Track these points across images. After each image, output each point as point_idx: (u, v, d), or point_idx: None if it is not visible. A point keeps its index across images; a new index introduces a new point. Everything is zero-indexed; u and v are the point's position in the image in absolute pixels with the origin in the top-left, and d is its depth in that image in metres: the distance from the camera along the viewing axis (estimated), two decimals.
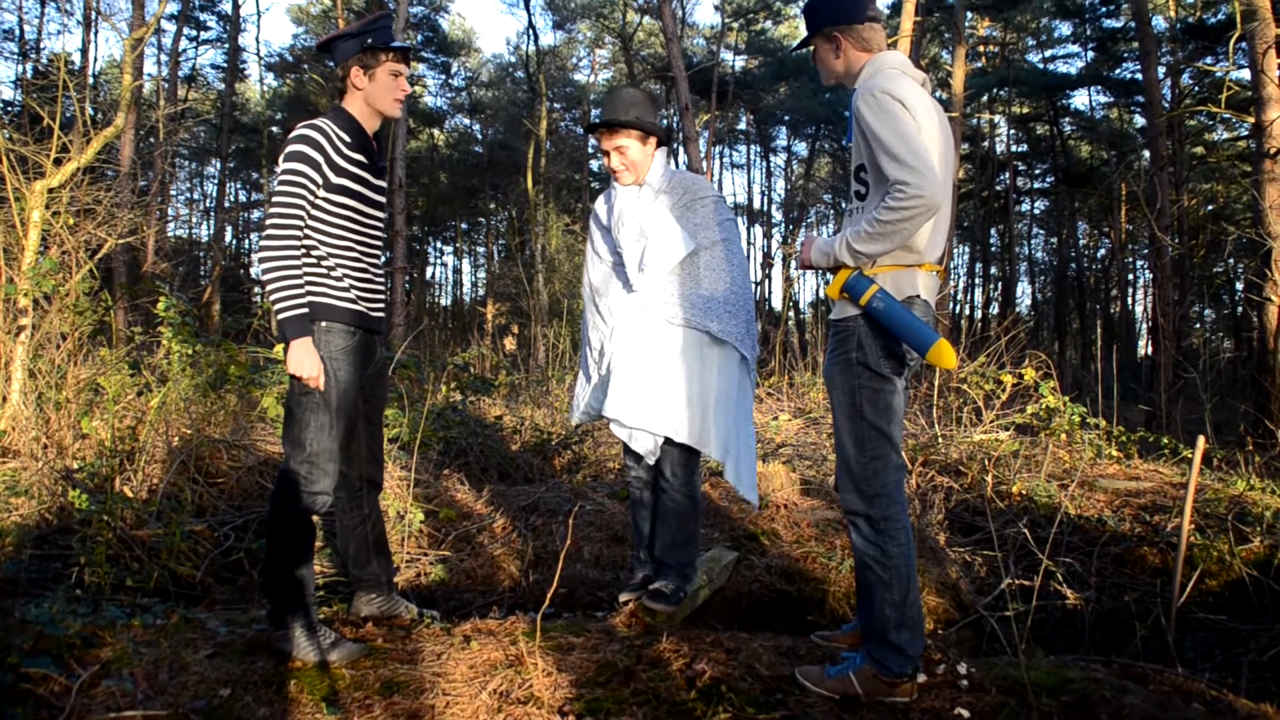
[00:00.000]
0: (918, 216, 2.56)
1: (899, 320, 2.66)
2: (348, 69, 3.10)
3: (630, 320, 3.53)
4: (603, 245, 3.73)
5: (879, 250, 2.67)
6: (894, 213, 2.56)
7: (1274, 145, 10.53)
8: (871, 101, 2.64)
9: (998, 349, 7.63)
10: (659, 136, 3.62)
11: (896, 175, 2.55)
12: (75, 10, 22.82)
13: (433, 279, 45.59)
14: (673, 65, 14.91)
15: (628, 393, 3.44)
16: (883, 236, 2.62)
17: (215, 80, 33.84)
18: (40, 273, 5.36)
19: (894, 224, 2.58)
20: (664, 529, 3.53)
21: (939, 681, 2.83)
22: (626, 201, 3.60)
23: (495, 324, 28.75)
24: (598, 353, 3.67)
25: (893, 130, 2.58)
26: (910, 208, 2.54)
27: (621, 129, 3.54)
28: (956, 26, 19.73)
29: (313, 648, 2.90)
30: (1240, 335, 24.54)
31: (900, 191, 2.53)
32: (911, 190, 2.52)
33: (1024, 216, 36.92)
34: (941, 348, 2.61)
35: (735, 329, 3.49)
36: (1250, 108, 11.85)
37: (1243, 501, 5.20)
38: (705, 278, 3.51)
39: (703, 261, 3.53)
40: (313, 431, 2.98)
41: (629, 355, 3.49)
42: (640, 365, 3.46)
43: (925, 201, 2.53)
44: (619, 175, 3.60)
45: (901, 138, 2.57)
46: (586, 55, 38.73)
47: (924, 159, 2.54)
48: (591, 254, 3.80)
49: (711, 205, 3.60)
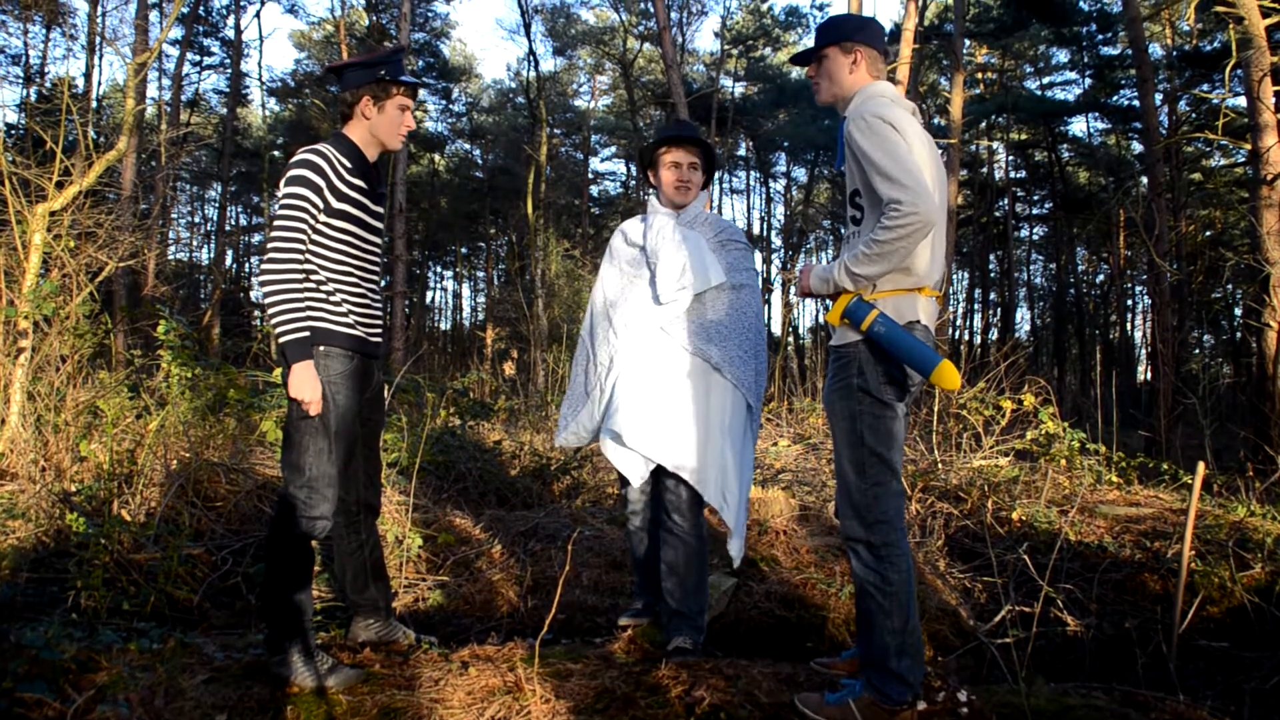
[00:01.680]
0: (915, 234, 2.57)
1: (901, 343, 2.66)
2: (358, 97, 3.12)
3: (644, 339, 3.52)
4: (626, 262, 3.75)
5: (878, 272, 2.68)
6: (890, 232, 2.57)
7: (1270, 171, 10.57)
8: (863, 125, 2.68)
9: (997, 374, 7.62)
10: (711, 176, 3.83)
11: (890, 194, 2.57)
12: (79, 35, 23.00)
13: (433, 303, 45.69)
14: (673, 92, 15.01)
15: (632, 413, 3.43)
16: (881, 257, 2.63)
17: (217, 105, 34.02)
18: (41, 295, 5.37)
19: (891, 243, 2.59)
20: (674, 574, 3.45)
21: (939, 709, 2.81)
22: (667, 223, 3.65)
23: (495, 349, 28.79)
24: (604, 369, 3.63)
25: (884, 151, 2.61)
26: (906, 225, 2.55)
27: (699, 150, 3.70)
28: (955, 54, 19.86)
29: (310, 673, 2.89)
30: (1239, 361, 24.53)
31: (895, 210, 2.55)
32: (906, 208, 2.54)
33: (1023, 242, 37.03)
34: (945, 369, 2.62)
35: (745, 376, 3.50)
36: (1247, 134, 11.91)
37: (1243, 527, 5.18)
38: (728, 317, 3.54)
39: (727, 300, 3.56)
40: (312, 456, 2.98)
41: (637, 375, 3.48)
42: (647, 388, 3.45)
43: (921, 218, 2.54)
44: (686, 189, 3.69)
45: (893, 157, 2.60)
46: (587, 81, 38.99)
47: (916, 177, 2.56)
48: (609, 269, 3.81)
49: (743, 251, 3.70)
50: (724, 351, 3.47)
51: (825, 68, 3.00)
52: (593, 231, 34.58)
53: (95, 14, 22.11)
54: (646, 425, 3.41)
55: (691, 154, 3.68)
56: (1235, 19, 10.90)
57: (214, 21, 30.71)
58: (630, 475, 3.50)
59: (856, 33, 2.94)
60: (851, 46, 2.93)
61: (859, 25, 2.98)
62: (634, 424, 3.41)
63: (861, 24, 2.98)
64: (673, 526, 3.44)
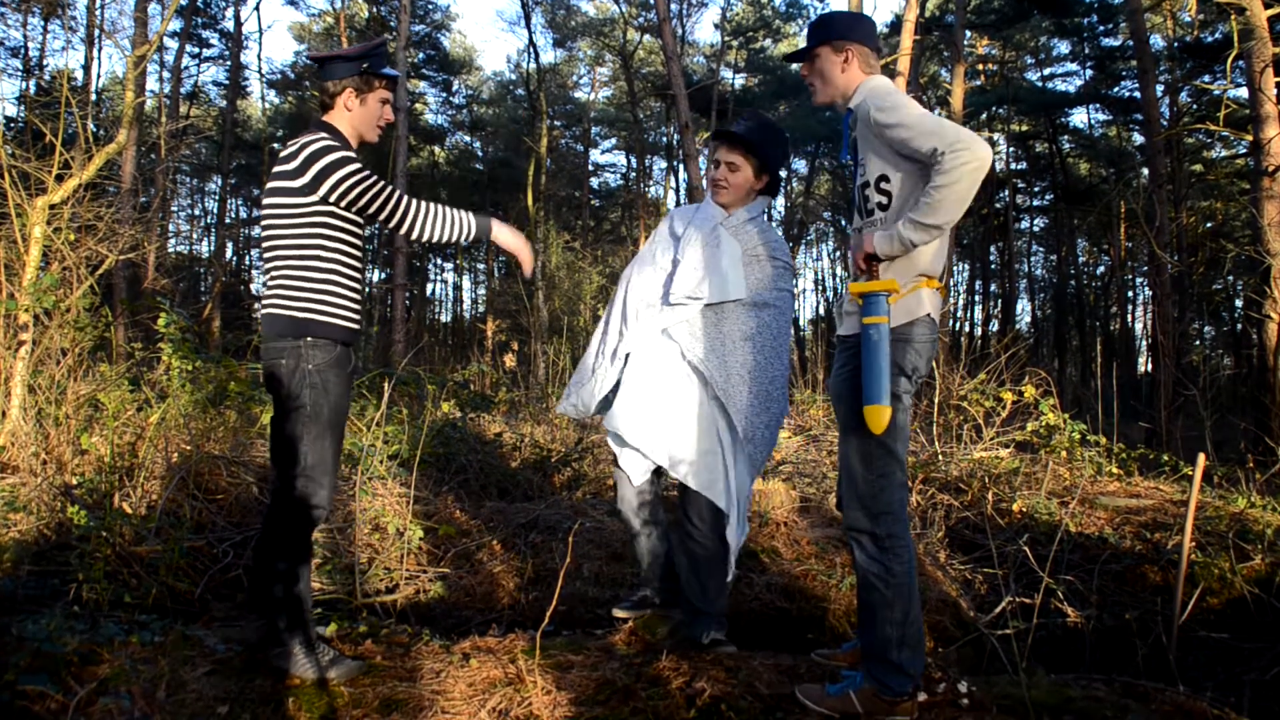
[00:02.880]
0: (973, 170, 2.53)
1: (877, 362, 2.66)
2: (340, 89, 3.13)
3: (650, 338, 3.47)
4: (664, 250, 3.61)
5: (947, 218, 2.61)
6: (948, 175, 2.53)
7: (1272, 163, 10.56)
8: (882, 103, 2.71)
9: (998, 366, 7.62)
10: (770, 178, 3.57)
11: (936, 144, 2.55)
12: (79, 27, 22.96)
13: (433, 295, 45.60)
14: (673, 83, 14.96)
15: (633, 411, 3.42)
16: (944, 203, 2.57)
17: (217, 97, 33.96)
18: (41, 288, 5.36)
19: (951, 186, 2.54)
20: (698, 579, 3.41)
21: (940, 700, 2.82)
22: (705, 221, 3.52)
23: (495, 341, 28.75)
24: (609, 356, 3.58)
25: (914, 116, 2.65)
26: (963, 163, 2.52)
27: (744, 149, 3.49)
28: (955, 45, 19.81)
29: (311, 665, 2.90)
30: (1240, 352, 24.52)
31: (950, 154, 2.53)
32: (959, 146, 2.52)
33: (1023, 234, 36.97)
34: (877, 411, 2.65)
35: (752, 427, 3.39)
36: (1248, 125, 11.89)
37: (1244, 519, 5.19)
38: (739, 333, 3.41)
39: (744, 316, 3.43)
40: (308, 445, 2.98)
41: (640, 376, 3.45)
42: (647, 389, 3.42)
43: (975, 154, 2.52)
44: (719, 191, 3.53)
45: (924, 117, 2.63)
46: (587, 73, 38.88)
47: (950, 126, 2.57)
48: (647, 254, 3.66)
49: (783, 270, 3.53)
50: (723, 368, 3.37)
51: (818, 67, 2.99)
52: (593, 224, 34.57)
53: (94, 6, 22.12)
54: (645, 425, 3.40)
55: (731, 153, 3.49)
56: (1237, 10, 10.88)
57: (213, 14, 30.63)
58: (631, 472, 3.50)
59: (848, 31, 2.92)
60: (843, 45, 2.92)
61: (850, 23, 2.96)
62: (633, 423, 3.41)
63: (852, 22, 2.96)
64: (692, 531, 3.40)
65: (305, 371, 2.99)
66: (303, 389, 2.98)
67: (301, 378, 2.99)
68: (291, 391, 2.97)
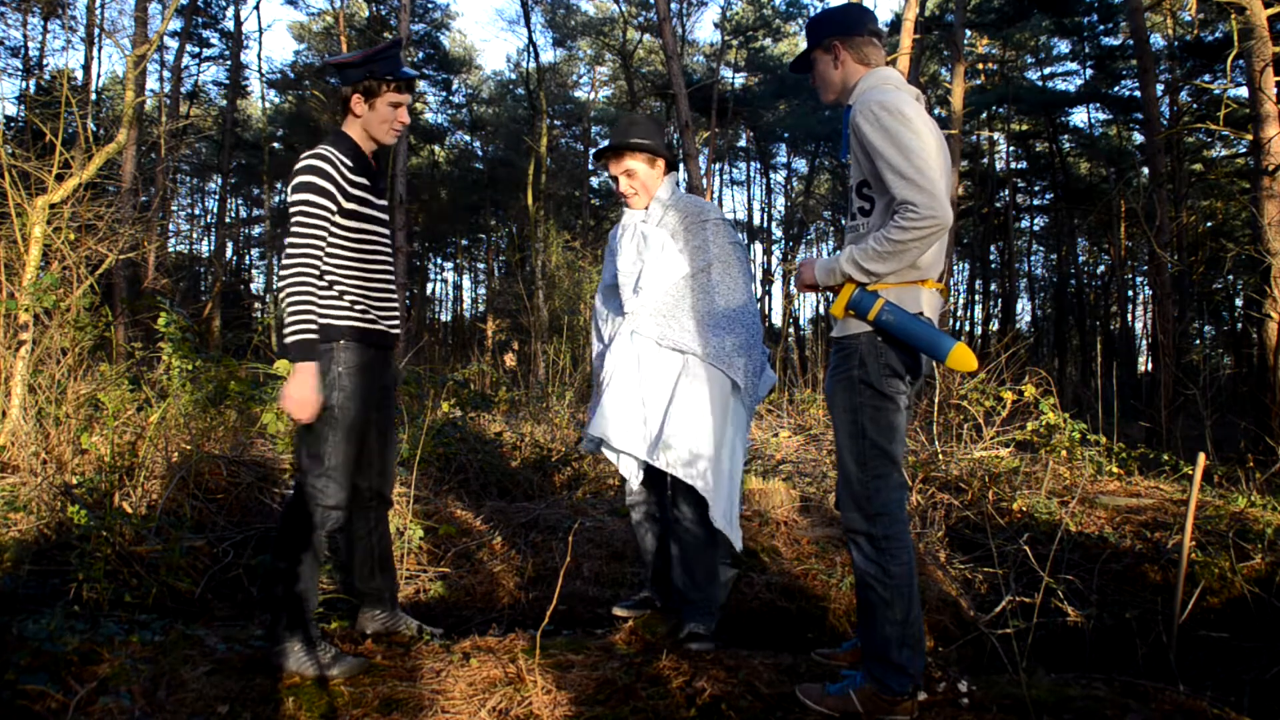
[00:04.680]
0: (929, 237, 2.55)
1: (912, 329, 2.65)
2: (350, 94, 3.13)
3: (621, 343, 3.52)
4: (608, 269, 3.73)
5: (889, 269, 2.65)
6: (905, 233, 2.54)
7: (1272, 162, 10.55)
8: (870, 116, 2.64)
9: (998, 365, 7.62)
10: (666, 159, 3.61)
11: (905, 195, 2.54)
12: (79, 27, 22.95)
13: (433, 295, 45.65)
14: (673, 83, 14.95)
15: (613, 415, 3.44)
16: (892, 255, 2.61)
17: (217, 96, 33.94)
18: (41, 288, 5.37)
19: (905, 244, 2.56)
20: (684, 566, 3.46)
21: (940, 699, 2.82)
22: (628, 225, 3.60)
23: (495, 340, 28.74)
24: (597, 373, 3.66)
25: (898, 148, 2.57)
26: (922, 228, 2.53)
27: (628, 152, 3.54)
28: (955, 44, 19.79)
29: (311, 663, 2.90)
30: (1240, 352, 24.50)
31: (912, 212, 2.52)
32: (923, 211, 2.51)
33: (1024, 233, 36.97)
34: (959, 351, 2.61)
35: (720, 349, 3.42)
36: (1248, 125, 11.88)
37: (1244, 518, 5.19)
38: (699, 300, 3.48)
39: (696, 284, 3.50)
40: (330, 446, 3.03)
41: (617, 378, 3.48)
42: (626, 389, 3.45)
43: (937, 222, 2.52)
44: (630, 200, 3.60)
45: (907, 155, 2.56)
46: (587, 72, 38.87)
47: (932, 179, 2.53)
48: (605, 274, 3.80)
49: (714, 227, 3.57)
50: (698, 334, 3.42)
51: (816, 71, 3.00)
52: (593, 223, 34.50)
53: (94, 6, 22.12)
54: (628, 424, 3.42)
55: (619, 164, 3.56)
56: (1237, 9, 10.87)
57: (213, 13, 30.62)
58: (626, 473, 3.51)
59: (833, 29, 2.91)
60: (830, 44, 2.91)
61: (834, 19, 2.93)
62: (615, 425, 3.42)
63: (836, 17, 2.94)
64: (680, 518, 3.45)
65: (336, 375, 3.04)
66: (331, 391, 3.02)
67: (332, 380, 3.03)
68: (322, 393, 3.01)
